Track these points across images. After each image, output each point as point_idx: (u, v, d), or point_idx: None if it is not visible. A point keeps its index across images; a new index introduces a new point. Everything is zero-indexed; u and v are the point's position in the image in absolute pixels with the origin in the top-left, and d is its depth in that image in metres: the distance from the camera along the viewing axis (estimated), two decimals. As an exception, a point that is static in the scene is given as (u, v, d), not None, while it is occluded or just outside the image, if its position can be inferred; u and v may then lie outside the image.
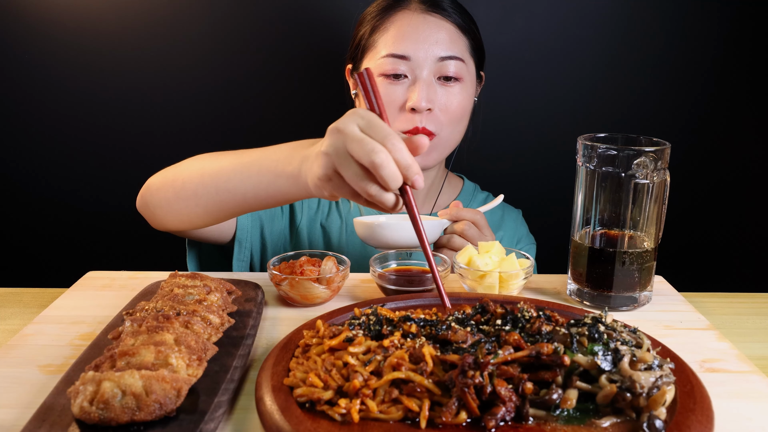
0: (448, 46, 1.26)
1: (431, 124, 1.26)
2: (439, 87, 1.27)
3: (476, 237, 1.15)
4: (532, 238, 1.49)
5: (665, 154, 0.94)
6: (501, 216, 1.46)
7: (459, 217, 1.16)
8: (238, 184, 0.99)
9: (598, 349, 0.67)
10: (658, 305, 1.00)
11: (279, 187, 0.95)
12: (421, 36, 1.25)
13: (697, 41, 1.67)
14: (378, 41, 1.28)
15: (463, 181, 1.53)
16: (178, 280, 0.91)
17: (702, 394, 0.68)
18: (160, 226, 1.17)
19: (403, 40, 1.25)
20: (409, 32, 1.25)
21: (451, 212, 1.16)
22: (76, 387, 0.64)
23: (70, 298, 1.01)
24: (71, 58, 1.64)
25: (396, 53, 1.25)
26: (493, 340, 0.70)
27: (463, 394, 0.63)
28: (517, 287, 1.01)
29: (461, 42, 1.29)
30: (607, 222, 0.98)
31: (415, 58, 1.25)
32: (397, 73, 1.25)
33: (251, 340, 0.82)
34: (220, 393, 0.69)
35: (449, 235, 1.17)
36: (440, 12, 1.27)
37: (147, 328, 0.74)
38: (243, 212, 1.06)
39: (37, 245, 1.78)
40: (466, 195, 1.49)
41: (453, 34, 1.27)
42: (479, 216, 1.18)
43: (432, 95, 1.25)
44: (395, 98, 1.26)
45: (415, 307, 0.90)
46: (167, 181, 1.10)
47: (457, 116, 1.29)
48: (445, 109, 1.27)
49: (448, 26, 1.27)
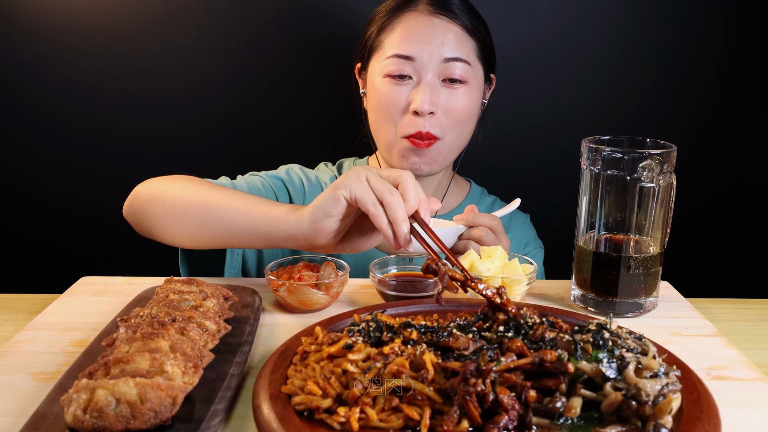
0: (454, 48, 1.26)
1: (435, 128, 1.27)
2: (443, 89, 1.27)
3: (493, 243, 1.13)
4: (540, 242, 1.49)
5: (671, 157, 0.94)
6: (509, 220, 1.46)
7: (475, 222, 1.14)
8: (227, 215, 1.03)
9: (603, 357, 0.67)
10: (664, 311, 1.01)
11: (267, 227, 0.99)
12: (426, 37, 1.26)
13: (704, 42, 1.67)
14: (384, 41, 1.29)
15: (470, 184, 1.53)
16: (174, 285, 0.91)
17: (709, 402, 0.68)
18: (147, 235, 1.18)
19: (408, 41, 1.26)
20: (415, 33, 1.26)
21: (467, 218, 1.14)
22: (70, 395, 0.64)
23: (64, 304, 1.01)
24: (66, 61, 1.65)
25: (401, 54, 1.26)
26: (496, 347, 0.70)
27: (464, 402, 0.63)
28: (521, 293, 1.01)
29: (468, 45, 1.29)
30: (612, 226, 0.98)
31: (419, 59, 1.25)
32: (402, 74, 1.26)
33: (248, 347, 0.82)
34: (217, 401, 0.69)
35: (465, 241, 1.15)
36: (448, 14, 1.28)
37: (142, 334, 0.74)
38: (226, 245, 1.08)
39: (30, 250, 1.78)
40: (472, 199, 1.49)
41: (460, 37, 1.28)
42: (496, 222, 1.16)
43: (435, 98, 1.26)
44: (399, 99, 1.27)
45: (416, 314, 0.90)
46: (158, 195, 1.11)
47: (462, 119, 1.29)
48: (449, 112, 1.27)
49: (456, 28, 1.28)
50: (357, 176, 0.91)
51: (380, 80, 1.29)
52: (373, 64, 1.32)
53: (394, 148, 1.31)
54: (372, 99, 1.33)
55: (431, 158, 1.30)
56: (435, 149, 1.29)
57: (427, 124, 1.26)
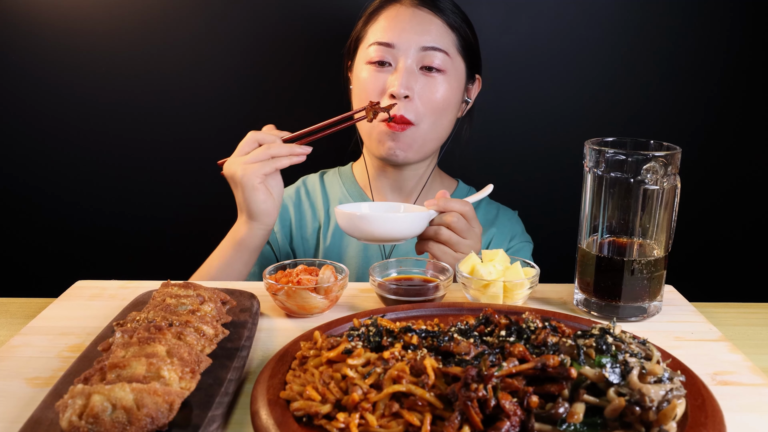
0: (434, 38, 1.32)
1: (410, 113, 1.31)
2: (420, 76, 1.32)
3: (464, 229, 1.13)
4: (528, 237, 1.51)
5: (676, 159, 0.94)
6: (495, 214, 1.49)
7: (446, 208, 1.14)
8: (224, 270, 1.25)
9: (606, 362, 0.67)
10: (668, 316, 1.01)
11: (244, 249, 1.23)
12: (407, 26, 1.32)
13: (709, 41, 1.68)
14: (368, 32, 1.36)
15: (458, 183, 1.55)
16: (171, 289, 0.92)
17: (714, 408, 0.68)
18: None
19: (390, 30, 1.32)
20: (396, 23, 1.33)
21: (438, 203, 1.14)
22: (65, 400, 0.64)
23: (59, 309, 1.01)
24: (62, 63, 1.65)
25: (382, 41, 1.32)
26: (497, 351, 0.71)
27: (466, 408, 0.63)
28: (522, 297, 1.01)
29: (449, 37, 1.34)
30: (615, 229, 0.99)
31: (398, 45, 1.31)
32: (382, 61, 1.32)
33: (246, 352, 0.83)
34: (214, 407, 0.69)
35: (436, 227, 1.14)
36: (432, 8, 1.34)
37: (138, 339, 0.74)
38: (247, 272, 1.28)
39: (24, 253, 1.78)
40: (458, 197, 1.50)
41: (441, 29, 1.33)
42: (468, 207, 1.15)
43: (412, 83, 1.30)
44: (379, 85, 1.33)
45: (417, 318, 0.90)
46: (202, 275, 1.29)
47: (438, 108, 1.33)
48: (425, 98, 1.32)
49: (438, 21, 1.33)
50: (233, 168, 1.17)
51: (362, 67, 1.36)
52: (358, 55, 1.38)
53: (373, 133, 1.36)
54: (355, 87, 1.39)
55: (406, 144, 1.33)
56: (410, 135, 1.32)
57: (402, 107, 1.30)
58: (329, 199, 1.51)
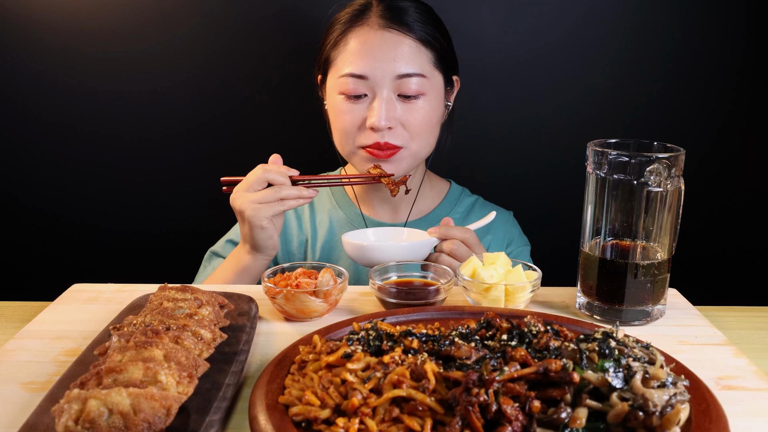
0: (407, 63, 1.28)
1: (395, 140, 1.30)
2: (399, 104, 1.30)
3: (465, 256, 1.16)
4: (526, 239, 1.51)
5: (679, 161, 0.95)
6: None
7: (448, 235, 1.18)
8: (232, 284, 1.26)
9: (609, 366, 0.67)
10: (671, 319, 1.01)
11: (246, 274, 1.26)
12: (378, 54, 1.28)
13: (713, 41, 1.68)
14: (338, 58, 1.32)
15: (450, 184, 1.54)
16: (168, 293, 0.92)
17: (718, 412, 0.68)
18: None
19: (361, 59, 1.28)
20: (366, 50, 1.28)
21: (440, 231, 1.18)
22: (61, 405, 0.64)
23: (55, 312, 1.01)
24: (59, 65, 1.65)
25: (354, 73, 1.28)
26: (499, 356, 0.71)
27: (467, 413, 0.63)
28: (524, 300, 1.01)
29: (423, 56, 1.30)
30: (618, 232, 0.99)
31: (373, 77, 1.28)
32: (357, 94, 1.29)
33: (244, 356, 0.83)
34: (212, 412, 0.69)
35: (437, 253, 1.19)
36: (400, 27, 1.29)
37: (135, 343, 0.75)
38: None
39: (19, 256, 1.78)
40: (451, 199, 1.51)
41: (413, 49, 1.29)
42: (469, 234, 1.19)
43: (392, 113, 1.28)
44: (356, 117, 1.30)
45: (417, 322, 0.90)
46: None
47: (423, 131, 1.32)
48: (408, 123, 1.30)
49: (409, 41, 1.29)
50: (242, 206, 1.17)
51: (336, 97, 1.32)
52: (330, 80, 1.35)
53: (354, 158, 1.35)
54: (330, 114, 1.38)
55: (394, 165, 1.32)
56: (398, 156, 1.32)
57: (386, 135, 1.29)
58: (315, 210, 1.49)
